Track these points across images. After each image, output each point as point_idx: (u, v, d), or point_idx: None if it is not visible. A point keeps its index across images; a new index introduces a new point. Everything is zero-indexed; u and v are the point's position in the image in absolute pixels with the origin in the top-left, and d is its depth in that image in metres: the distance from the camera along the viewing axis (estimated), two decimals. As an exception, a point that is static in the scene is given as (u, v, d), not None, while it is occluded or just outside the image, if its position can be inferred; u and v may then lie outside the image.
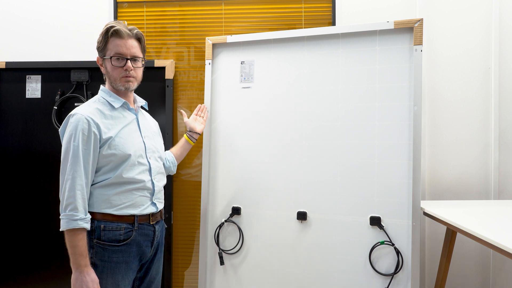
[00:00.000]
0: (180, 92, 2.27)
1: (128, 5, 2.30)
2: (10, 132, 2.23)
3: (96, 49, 1.46)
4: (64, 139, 1.36)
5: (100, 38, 1.43)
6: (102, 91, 1.48)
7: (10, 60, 2.27)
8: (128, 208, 1.40)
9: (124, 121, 1.45)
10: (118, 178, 1.38)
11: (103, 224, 1.36)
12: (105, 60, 1.44)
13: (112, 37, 1.41)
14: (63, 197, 1.31)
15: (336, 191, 1.81)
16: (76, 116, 1.35)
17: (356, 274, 1.76)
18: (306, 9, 2.22)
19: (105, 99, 1.45)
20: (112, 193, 1.38)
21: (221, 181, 1.99)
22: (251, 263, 1.92)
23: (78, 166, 1.32)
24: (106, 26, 1.43)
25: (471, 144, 2.13)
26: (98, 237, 1.36)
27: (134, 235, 1.41)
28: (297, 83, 1.90)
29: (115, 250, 1.37)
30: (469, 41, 2.14)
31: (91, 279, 1.29)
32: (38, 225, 2.21)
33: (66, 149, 1.34)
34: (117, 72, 1.43)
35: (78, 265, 1.29)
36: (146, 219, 1.46)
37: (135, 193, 1.42)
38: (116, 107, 1.45)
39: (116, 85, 1.45)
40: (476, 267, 2.14)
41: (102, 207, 1.37)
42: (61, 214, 1.31)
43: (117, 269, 1.37)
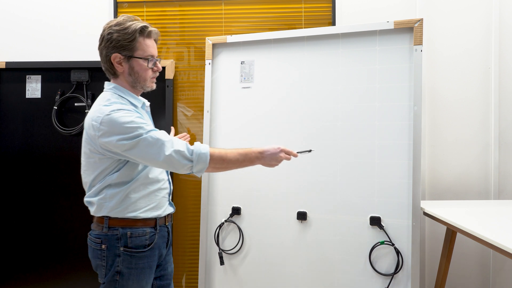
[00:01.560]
0: (180, 92, 2.27)
1: (128, 5, 2.30)
2: (10, 132, 2.23)
3: (114, 47, 1.32)
4: (122, 129, 1.23)
5: (129, 36, 1.31)
6: (117, 89, 1.37)
7: (10, 60, 2.26)
8: (152, 210, 1.37)
9: (146, 120, 1.41)
10: (145, 179, 1.35)
11: (129, 231, 1.32)
12: (132, 59, 1.34)
13: (146, 37, 1.35)
14: (175, 156, 1.25)
15: (336, 191, 1.81)
16: (120, 111, 1.25)
17: (356, 274, 1.76)
18: (306, 9, 2.22)
19: (125, 98, 1.37)
20: (137, 197, 1.34)
21: (221, 181, 1.99)
22: (251, 263, 1.92)
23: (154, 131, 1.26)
24: (135, 23, 1.32)
25: (471, 144, 2.13)
26: (125, 244, 1.32)
27: (156, 238, 1.39)
28: (297, 83, 1.90)
29: (141, 256, 1.34)
30: (469, 41, 2.14)
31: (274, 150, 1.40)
32: (38, 225, 2.21)
33: (131, 130, 1.23)
34: (148, 73, 1.38)
35: (256, 158, 1.38)
36: (163, 220, 1.44)
37: (158, 194, 1.40)
38: (138, 106, 1.40)
39: (145, 85, 1.39)
40: (476, 267, 2.14)
41: (128, 210, 1.32)
42: (193, 163, 1.27)
43: (142, 275, 1.35)
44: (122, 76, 1.37)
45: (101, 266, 1.34)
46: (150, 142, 1.24)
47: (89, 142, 1.31)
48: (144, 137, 1.24)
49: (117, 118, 1.23)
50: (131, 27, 1.31)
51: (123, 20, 1.33)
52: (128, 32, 1.31)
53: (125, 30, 1.31)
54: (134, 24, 1.31)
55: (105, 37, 1.32)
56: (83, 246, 2.18)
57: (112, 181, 1.31)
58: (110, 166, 1.31)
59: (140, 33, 1.32)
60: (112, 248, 1.31)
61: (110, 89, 1.38)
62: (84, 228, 2.17)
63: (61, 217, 2.20)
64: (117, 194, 1.31)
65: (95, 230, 1.36)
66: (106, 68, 1.38)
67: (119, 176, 1.31)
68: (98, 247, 1.33)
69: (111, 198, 1.31)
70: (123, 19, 1.33)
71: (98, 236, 1.33)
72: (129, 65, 1.35)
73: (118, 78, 1.38)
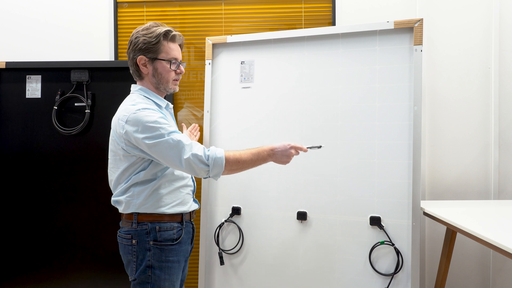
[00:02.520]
0: (180, 92, 2.27)
1: (128, 5, 2.30)
2: (10, 132, 2.23)
3: (139, 49, 1.40)
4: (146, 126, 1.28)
5: (153, 39, 1.39)
6: (142, 91, 1.45)
7: (10, 60, 2.26)
8: (179, 206, 1.43)
9: (170, 120, 1.47)
10: (170, 176, 1.41)
11: (158, 225, 1.37)
12: (157, 61, 1.42)
13: (169, 41, 1.42)
14: (193, 159, 1.29)
15: (336, 191, 1.81)
16: (145, 110, 1.31)
17: (356, 274, 1.76)
18: (306, 9, 2.22)
19: (151, 99, 1.43)
20: (164, 192, 1.39)
21: (221, 181, 1.99)
22: (251, 263, 1.92)
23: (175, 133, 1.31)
24: (160, 28, 1.41)
25: (471, 144, 2.13)
26: (155, 238, 1.37)
27: (183, 233, 1.44)
28: (297, 83, 1.90)
29: (171, 249, 1.39)
30: (469, 41, 2.14)
31: (284, 147, 1.43)
32: (38, 225, 2.21)
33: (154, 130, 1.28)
34: (171, 75, 1.45)
35: (268, 156, 1.41)
36: (189, 217, 1.49)
37: (182, 191, 1.46)
38: (163, 106, 1.46)
39: (167, 87, 1.46)
40: (476, 267, 2.14)
41: (155, 206, 1.37)
42: (210, 167, 1.31)
43: (173, 269, 1.40)
44: (147, 77, 1.44)
45: (132, 261, 1.38)
46: (171, 144, 1.28)
47: (115, 139, 1.37)
48: (166, 139, 1.28)
49: (142, 117, 1.29)
50: (156, 31, 1.40)
51: (150, 25, 1.42)
52: (153, 35, 1.39)
53: (151, 34, 1.40)
54: (159, 29, 1.41)
55: (132, 41, 1.41)
56: (84, 246, 2.18)
57: (139, 179, 1.36)
58: (135, 164, 1.36)
59: (164, 36, 1.41)
60: (142, 242, 1.36)
61: (136, 91, 1.45)
62: (84, 227, 2.17)
63: (61, 217, 2.19)
64: (144, 190, 1.36)
65: (124, 227, 1.41)
66: (133, 70, 1.46)
67: (145, 175, 1.36)
68: (129, 242, 1.38)
69: (139, 195, 1.36)
70: (149, 24, 1.42)
71: (128, 232, 1.38)
72: (153, 66, 1.42)
73: (143, 80, 1.45)
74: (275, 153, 1.43)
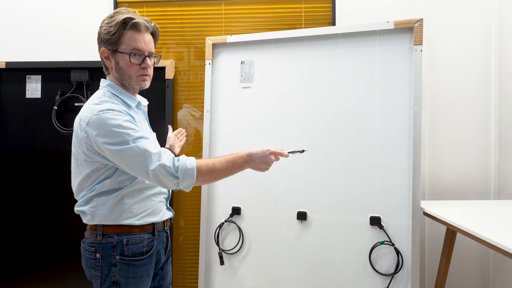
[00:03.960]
0: (180, 92, 2.27)
1: (128, 5, 2.30)
2: (10, 132, 2.23)
3: (101, 40, 1.26)
4: (109, 130, 1.14)
5: (113, 29, 1.23)
6: (111, 87, 1.29)
7: (10, 60, 2.26)
8: (149, 216, 1.30)
9: (141, 121, 1.33)
10: (141, 184, 1.28)
11: (125, 238, 1.24)
12: (118, 54, 1.25)
13: (130, 30, 1.24)
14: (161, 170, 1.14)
15: (336, 191, 1.81)
16: (111, 107, 1.18)
17: (356, 274, 1.76)
18: (306, 9, 2.22)
19: (119, 97, 1.28)
20: (132, 202, 1.26)
21: (221, 181, 1.97)
22: (251, 263, 1.92)
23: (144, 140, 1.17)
24: (121, 15, 1.23)
25: (471, 144, 2.13)
26: (121, 253, 1.23)
27: (155, 245, 1.32)
28: (297, 83, 1.90)
29: (139, 264, 1.26)
30: (469, 41, 2.14)
31: (262, 152, 1.29)
32: (38, 225, 2.21)
33: (119, 136, 1.14)
34: (134, 69, 1.27)
35: (244, 162, 1.28)
36: (162, 225, 1.37)
37: (154, 199, 1.32)
38: (133, 106, 1.31)
39: (131, 83, 1.29)
40: (476, 267, 2.14)
41: (123, 217, 1.24)
42: (180, 183, 1.17)
43: (140, 284, 1.28)
44: (112, 72, 1.30)
45: (96, 276, 1.26)
46: (136, 152, 1.14)
47: (76, 142, 1.24)
48: (130, 146, 1.14)
49: (104, 119, 1.15)
50: (116, 19, 1.23)
51: (114, 12, 1.26)
52: (112, 24, 1.23)
53: (110, 22, 1.24)
54: (119, 16, 1.23)
55: (98, 31, 1.28)
56: (83, 246, 2.19)
57: (103, 189, 1.23)
58: (98, 171, 1.22)
59: (122, 25, 1.23)
60: (107, 257, 1.23)
61: (104, 87, 1.30)
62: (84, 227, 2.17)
63: (61, 217, 2.19)
64: (108, 201, 1.23)
65: (88, 238, 1.27)
66: (102, 64, 1.32)
67: (110, 184, 1.23)
68: (92, 256, 1.25)
69: (103, 206, 1.23)
70: (115, 11, 1.27)
71: (92, 244, 1.25)
72: (114, 60, 1.27)
73: (111, 75, 1.31)
74: (253, 159, 1.28)
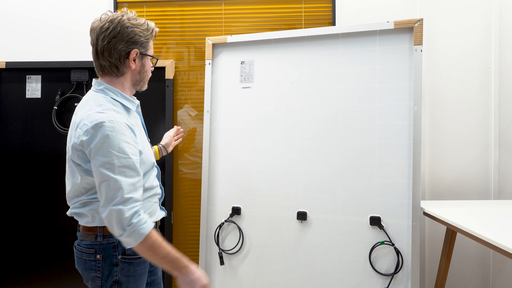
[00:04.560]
0: (180, 92, 2.27)
1: (128, 5, 2.30)
2: (10, 132, 2.23)
3: (133, 42, 1.23)
4: (107, 152, 1.11)
5: (148, 33, 1.26)
6: (109, 91, 1.24)
7: (10, 60, 2.26)
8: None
9: (139, 125, 1.32)
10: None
11: None
12: (146, 58, 1.29)
13: (154, 36, 1.32)
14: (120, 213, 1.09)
15: (336, 191, 1.81)
16: (115, 125, 1.12)
17: (356, 274, 1.76)
18: (306, 9, 2.22)
19: (119, 102, 1.25)
20: None
21: (221, 181, 1.99)
22: (251, 263, 1.92)
23: (133, 177, 1.13)
24: (150, 22, 1.29)
25: (471, 144, 2.13)
26: (123, 252, 1.24)
27: None
28: (297, 83, 1.90)
29: (139, 262, 1.28)
30: (469, 41, 2.14)
31: (199, 276, 1.17)
32: (38, 225, 2.21)
33: (111, 163, 1.11)
34: (150, 73, 1.36)
35: (179, 268, 1.16)
36: (155, 225, 1.37)
37: (151, 200, 1.32)
38: (132, 109, 1.30)
39: (144, 85, 1.35)
40: (476, 267, 2.14)
41: None
42: (125, 231, 1.10)
43: (140, 281, 1.30)
44: (130, 73, 1.28)
45: (95, 278, 1.24)
46: (112, 184, 1.09)
47: (69, 147, 1.21)
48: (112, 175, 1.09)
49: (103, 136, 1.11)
50: (148, 25, 1.27)
51: (134, 15, 1.26)
52: (147, 28, 1.26)
53: (143, 26, 1.25)
54: (150, 23, 1.28)
55: (121, 30, 1.21)
56: (83, 246, 2.19)
57: None
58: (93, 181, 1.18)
59: (154, 33, 1.31)
60: (109, 257, 1.22)
61: (101, 91, 1.24)
62: (84, 228, 2.17)
63: (61, 217, 2.19)
64: None
65: (85, 240, 1.25)
66: (112, 64, 1.23)
67: None
68: (92, 257, 1.23)
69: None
70: (134, 14, 1.26)
71: (91, 246, 1.23)
72: (142, 63, 1.29)
73: (122, 76, 1.27)
74: (186, 274, 1.17)
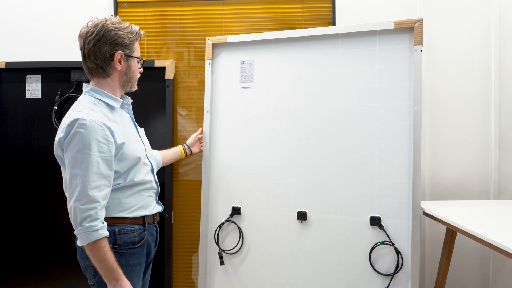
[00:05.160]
0: (180, 92, 2.27)
1: (128, 5, 2.30)
2: (10, 132, 2.23)
3: (117, 44, 1.33)
4: (74, 149, 1.21)
5: (132, 35, 1.36)
6: (94, 92, 1.35)
7: (10, 60, 2.26)
8: (140, 210, 1.38)
9: (125, 122, 1.40)
10: (130, 182, 1.35)
11: (117, 228, 1.32)
12: (131, 59, 1.39)
13: (139, 39, 1.42)
14: (77, 210, 1.19)
15: (336, 191, 1.81)
16: (87, 122, 1.21)
17: (356, 274, 1.76)
18: (306, 9, 2.22)
19: (102, 100, 1.34)
20: (123, 196, 1.34)
21: (221, 181, 1.99)
22: (251, 263, 1.92)
23: (98, 176, 1.22)
24: (134, 25, 1.39)
25: (471, 144, 2.13)
26: (114, 242, 1.31)
27: (146, 236, 1.40)
28: (297, 83, 1.90)
29: (131, 253, 1.34)
30: (469, 41, 2.14)
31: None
32: (38, 225, 2.21)
33: (80, 159, 1.20)
34: (138, 74, 1.46)
35: (111, 279, 1.23)
36: (152, 219, 1.45)
37: (144, 194, 1.40)
38: (116, 108, 1.38)
39: (133, 85, 1.45)
40: (476, 267, 2.14)
41: (115, 211, 1.32)
42: (76, 229, 1.19)
43: (133, 273, 1.35)
44: (116, 74, 1.38)
45: (90, 266, 1.31)
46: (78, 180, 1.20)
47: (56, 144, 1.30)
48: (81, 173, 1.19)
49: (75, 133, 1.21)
50: (132, 28, 1.37)
51: (118, 20, 1.37)
52: (131, 31, 1.36)
53: (127, 29, 1.36)
54: (133, 26, 1.39)
55: (105, 34, 1.31)
56: (83, 246, 2.18)
57: None
58: None
59: (140, 35, 1.41)
60: None
61: (87, 92, 1.36)
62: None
63: (61, 217, 2.19)
64: None
65: None
66: (98, 65, 1.33)
67: None
68: None
69: None
70: (118, 19, 1.37)
71: None
72: (127, 64, 1.39)
73: (109, 77, 1.37)
74: (114, 286, 1.23)
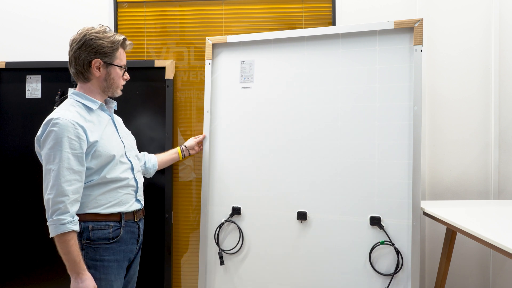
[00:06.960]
0: (180, 92, 2.27)
1: (128, 5, 2.30)
2: (10, 132, 2.23)
3: (95, 52, 1.43)
4: (48, 146, 1.32)
5: (112, 45, 1.45)
6: (75, 95, 1.46)
7: (10, 60, 2.26)
8: (115, 207, 1.42)
9: (102, 122, 1.47)
10: (103, 179, 1.40)
11: (91, 224, 1.37)
12: (111, 67, 1.47)
13: (122, 48, 1.50)
14: (49, 203, 1.29)
15: (336, 191, 1.81)
16: (60, 121, 1.31)
17: (356, 274, 1.76)
18: (306, 9, 2.22)
19: (81, 102, 1.44)
20: (97, 193, 1.39)
21: (221, 181, 1.99)
22: (251, 263, 1.92)
23: (68, 171, 1.30)
24: (118, 35, 1.47)
25: (471, 144, 2.13)
26: (88, 237, 1.37)
27: (122, 233, 1.43)
28: (297, 83, 1.90)
29: (106, 248, 1.39)
30: (469, 41, 2.14)
31: (87, 286, 1.30)
32: (38, 225, 2.21)
33: (53, 156, 1.31)
34: (121, 80, 1.53)
35: (73, 272, 1.31)
36: (131, 216, 1.48)
37: (120, 191, 1.45)
38: (94, 109, 1.46)
39: (116, 91, 1.53)
40: (476, 267, 2.14)
41: (89, 207, 1.38)
42: (48, 221, 1.29)
43: (109, 268, 1.39)
44: (96, 80, 1.47)
45: None
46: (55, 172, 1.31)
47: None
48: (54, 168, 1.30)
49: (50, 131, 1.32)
50: (115, 37, 1.46)
51: (104, 29, 1.46)
52: (112, 41, 1.45)
53: (109, 39, 1.44)
54: (117, 36, 1.47)
55: (85, 42, 1.42)
56: (83, 246, 2.18)
57: None
58: None
59: (121, 44, 1.48)
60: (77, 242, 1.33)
61: (70, 95, 1.48)
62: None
63: (61, 217, 2.19)
64: None
65: None
66: (78, 71, 1.45)
67: None
68: None
69: None
70: (103, 28, 1.46)
71: None
72: (107, 71, 1.47)
73: (89, 82, 1.47)
74: (76, 278, 1.31)
